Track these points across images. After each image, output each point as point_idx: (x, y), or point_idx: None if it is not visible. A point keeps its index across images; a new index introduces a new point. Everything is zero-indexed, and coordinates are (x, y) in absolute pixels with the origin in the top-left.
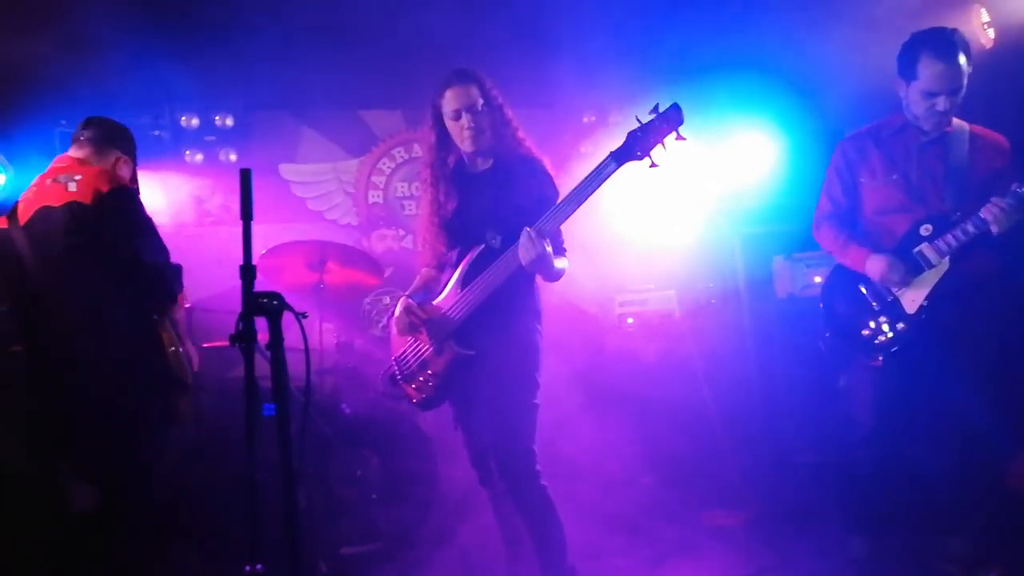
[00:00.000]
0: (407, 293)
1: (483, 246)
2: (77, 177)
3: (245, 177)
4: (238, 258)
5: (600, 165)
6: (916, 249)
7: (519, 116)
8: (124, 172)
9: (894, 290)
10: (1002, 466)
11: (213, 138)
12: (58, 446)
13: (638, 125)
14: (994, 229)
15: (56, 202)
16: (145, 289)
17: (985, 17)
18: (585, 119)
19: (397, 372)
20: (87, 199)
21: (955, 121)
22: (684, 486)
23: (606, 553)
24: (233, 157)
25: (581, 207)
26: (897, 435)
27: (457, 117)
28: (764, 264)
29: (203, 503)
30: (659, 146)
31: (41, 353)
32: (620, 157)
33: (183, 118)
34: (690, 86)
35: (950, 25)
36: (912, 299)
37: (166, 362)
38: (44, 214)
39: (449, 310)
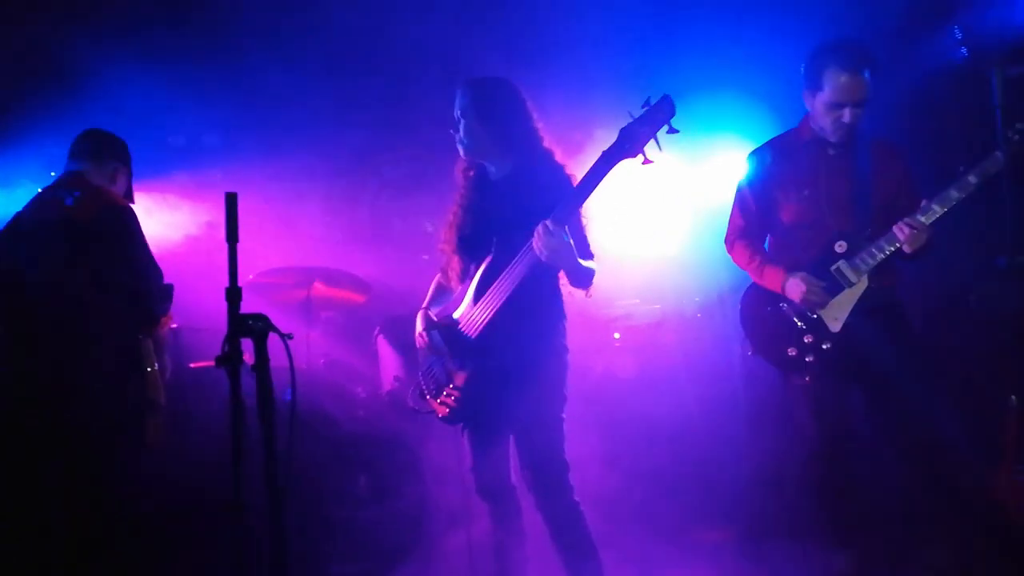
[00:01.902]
0: (424, 305)
1: (493, 255)
2: (76, 193)
3: (231, 201)
4: (224, 278)
5: (596, 163)
6: (834, 267)
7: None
8: (121, 184)
9: (816, 310)
10: (962, 474)
11: (199, 156)
12: (36, 462)
13: (630, 119)
14: (906, 248)
15: (52, 215)
16: (130, 310)
17: (958, 35)
18: (573, 136)
19: (424, 388)
20: (82, 215)
21: (860, 133)
22: (671, 501)
23: None
24: (220, 176)
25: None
26: (844, 450)
27: (454, 126)
28: (748, 278)
29: (190, 523)
30: (652, 141)
31: (26, 368)
32: (615, 153)
33: (170, 137)
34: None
35: (924, 44)
36: (835, 317)
37: (142, 382)
38: (41, 228)
39: (465, 324)
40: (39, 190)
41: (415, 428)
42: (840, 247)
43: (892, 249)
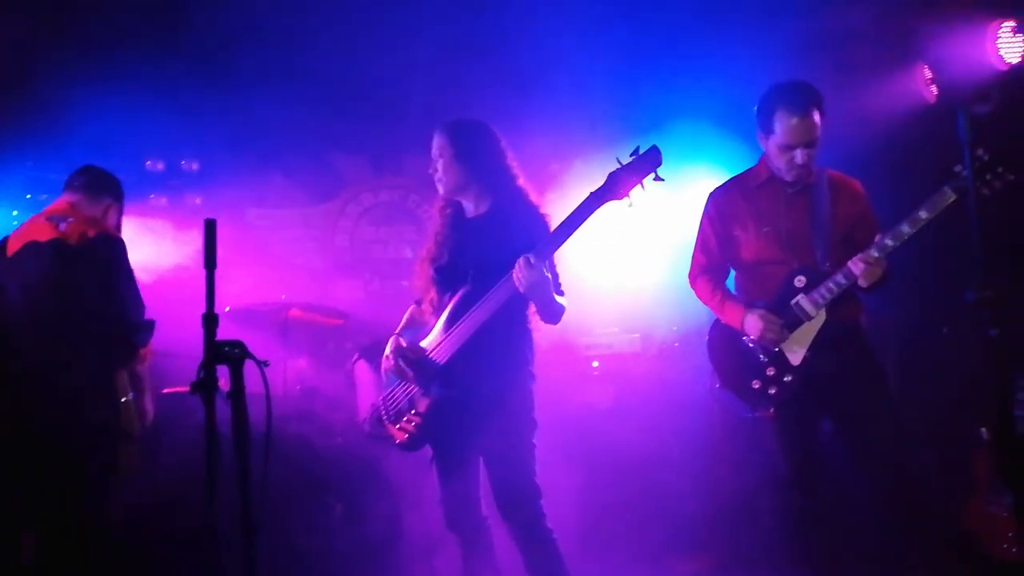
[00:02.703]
0: (396, 331)
1: (469, 287)
2: (69, 219)
3: (209, 227)
4: (201, 303)
5: (583, 203)
6: (793, 301)
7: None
8: (112, 219)
9: (775, 344)
10: (932, 504)
11: (178, 182)
12: (10, 488)
13: (618, 166)
14: (862, 283)
15: (44, 238)
16: (109, 339)
17: (928, 75)
18: (551, 167)
19: (383, 412)
20: (73, 239)
21: (815, 170)
22: (649, 531)
23: None
24: (199, 201)
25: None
26: (812, 479)
27: (432, 165)
28: None
29: (163, 553)
30: (638, 186)
31: (5, 390)
32: (601, 196)
33: (148, 161)
34: (651, 135)
35: (895, 83)
36: (795, 351)
37: (115, 412)
38: (31, 249)
39: (434, 351)
40: (29, 218)
41: (392, 455)
42: (799, 282)
43: (847, 283)
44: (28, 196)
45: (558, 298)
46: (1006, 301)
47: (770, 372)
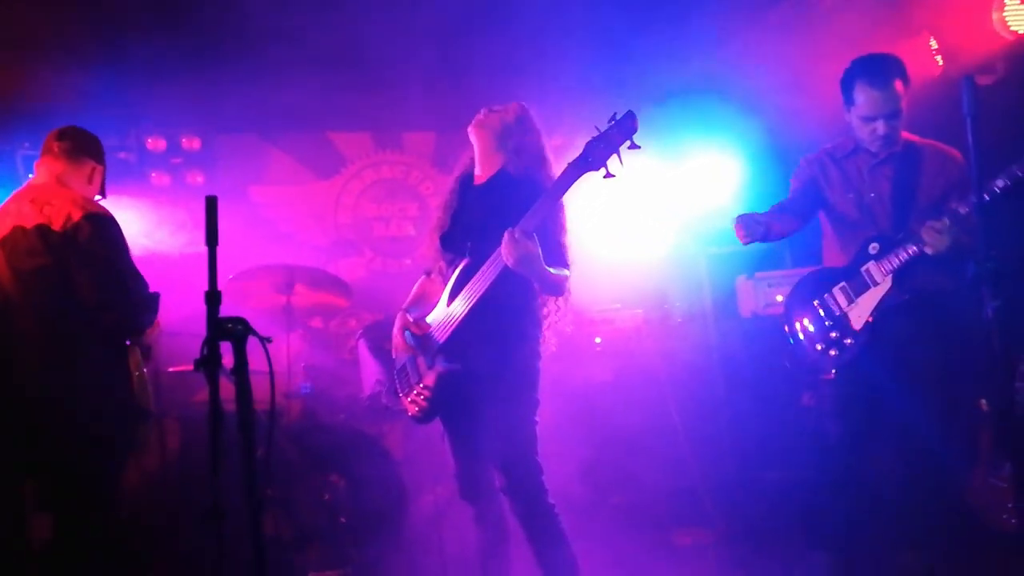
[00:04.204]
0: (404, 307)
1: (468, 259)
2: (53, 201)
3: (211, 204)
4: (203, 282)
5: (562, 174)
6: (864, 267)
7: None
8: (97, 181)
9: (843, 306)
10: (953, 480)
11: (180, 160)
12: (19, 472)
13: (597, 133)
14: (928, 251)
15: (29, 224)
16: (114, 320)
17: (934, 44)
18: (553, 142)
19: (398, 386)
20: (58, 224)
21: (907, 139)
22: (651, 506)
23: None
24: (200, 179)
25: None
26: (861, 444)
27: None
28: (729, 283)
29: (169, 530)
30: (614, 156)
31: (5, 376)
32: (579, 165)
33: (149, 140)
34: (655, 110)
35: (900, 54)
36: (858, 316)
37: (130, 389)
38: (18, 234)
39: (437, 324)
40: (12, 194)
41: (396, 431)
42: (873, 248)
43: (915, 250)
44: (30, 176)
45: (557, 271)
46: (1008, 273)
47: (833, 335)
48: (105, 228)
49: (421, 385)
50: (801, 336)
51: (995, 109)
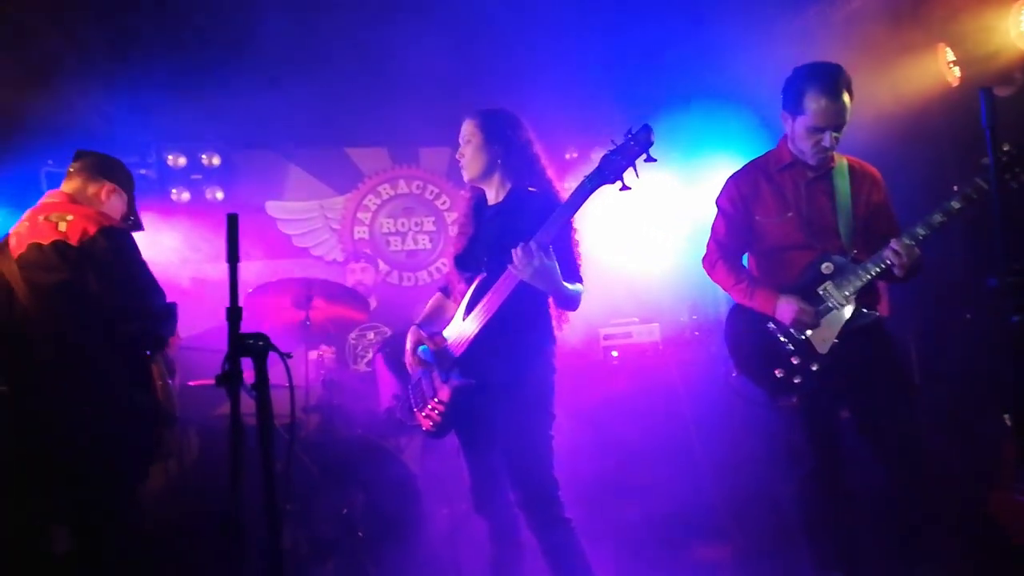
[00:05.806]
0: (417, 322)
1: (484, 274)
2: (69, 217)
3: (232, 222)
4: (224, 296)
5: (578, 188)
6: (821, 289)
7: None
8: (115, 203)
9: (805, 331)
10: (955, 493)
11: (199, 176)
12: (41, 483)
13: (613, 147)
14: (898, 272)
15: (45, 240)
16: (134, 332)
17: (950, 56)
18: (567, 155)
19: (412, 401)
20: (74, 239)
21: (835, 155)
22: (669, 520)
23: None
24: (220, 195)
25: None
26: (837, 468)
27: (459, 152)
28: None
29: (188, 543)
30: (630, 169)
31: (26, 389)
32: (595, 179)
33: (170, 157)
34: (669, 121)
35: (916, 65)
36: (823, 339)
37: (154, 397)
38: (34, 251)
39: (452, 339)
40: (28, 211)
41: (414, 446)
42: (827, 268)
43: (878, 270)
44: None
45: (572, 285)
46: None
47: (795, 360)
48: (120, 241)
49: (436, 400)
50: (756, 362)
51: (1013, 120)
